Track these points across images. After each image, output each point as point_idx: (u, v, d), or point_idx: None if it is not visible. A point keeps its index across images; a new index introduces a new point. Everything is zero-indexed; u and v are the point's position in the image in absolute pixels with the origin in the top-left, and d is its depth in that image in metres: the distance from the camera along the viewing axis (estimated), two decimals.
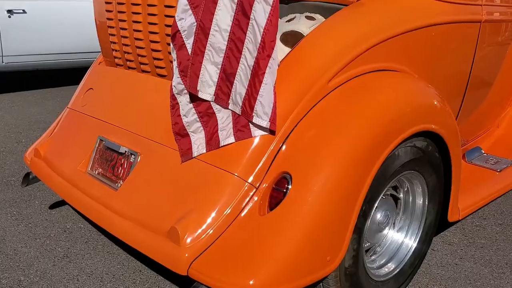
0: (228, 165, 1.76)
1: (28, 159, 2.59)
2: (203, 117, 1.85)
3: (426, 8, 2.16)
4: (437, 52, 2.24)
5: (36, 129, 4.45)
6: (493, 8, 2.50)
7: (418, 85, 2.09)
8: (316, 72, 1.84)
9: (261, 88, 1.71)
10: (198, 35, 1.79)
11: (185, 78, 1.82)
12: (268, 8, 1.65)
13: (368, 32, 1.96)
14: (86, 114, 2.41)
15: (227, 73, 1.78)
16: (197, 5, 1.76)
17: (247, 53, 1.73)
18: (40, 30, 5.58)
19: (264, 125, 1.72)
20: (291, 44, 2.05)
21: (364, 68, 1.91)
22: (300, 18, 2.17)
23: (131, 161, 2.06)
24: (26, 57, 5.60)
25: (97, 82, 2.54)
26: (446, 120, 2.09)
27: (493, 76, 2.81)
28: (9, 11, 5.38)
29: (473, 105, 2.73)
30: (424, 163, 2.03)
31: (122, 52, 2.35)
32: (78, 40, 5.78)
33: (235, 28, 1.74)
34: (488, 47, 2.59)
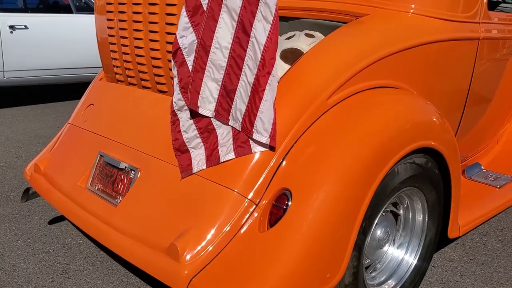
0: (228, 181, 1.76)
1: (28, 174, 2.59)
2: (203, 133, 1.86)
3: (425, 26, 2.19)
4: (435, 69, 2.26)
5: (36, 144, 4.45)
6: (490, 25, 2.52)
7: (417, 102, 2.10)
8: (316, 89, 1.85)
9: (261, 105, 1.72)
10: (198, 52, 1.80)
11: (185, 95, 1.83)
12: (268, 26, 1.67)
13: (367, 50, 1.98)
14: (87, 130, 2.42)
15: (228, 89, 1.80)
16: (198, 23, 1.78)
17: (247, 70, 1.74)
18: (41, 45, 5.63)
19: (264, 141, 1.73)
20: (291, 61, 2.07)
21: (363, 85, 1.93)
22: (300, 36, 2.19)
23: (131, 177, 2.06)
24: (27, 72, 5.64)
25: (98, 98, 2.56)
26: (445, 136, 2.09)
27: (491, 92, 2.82)
28: (11, 27, 5.43)
29: (472, 121, 2.74)
30: (423, 180, 2.04)
31: (123, 68, 2.37)
32: (79, 55, 5.82)
33: (236, 45, 1.76)
34: (486, 64, 2.61)
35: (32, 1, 7.59)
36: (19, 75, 5.61)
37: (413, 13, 2.20)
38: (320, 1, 2.46)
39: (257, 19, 1.69)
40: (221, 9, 1.75)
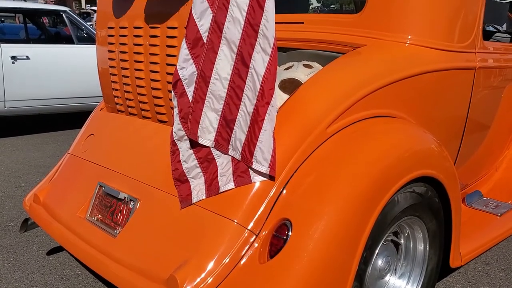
0: (227, 211, 1.76)
1: (27, 204, 2.58)
2: (203, 163, 1.86)
3: (421, 56, 2.22)
4: (433, 98, 2.28)
5: (36, 173, 4.45)
6: (486, 55, 2.56)
7: (415, 130, 2.11)
8: (315, 118, 1.86)
9: (261, 134, 1.73)
10: (198, 83, 1.82)
11: (185, 125, 1.85)
12: (267, 58, 1.70)
13: (365, 79, 2.00)
14: (87, 160, 2.42)
15: (227, 119, 1.81)
16: (198, 55, 1.81)
17: (247, 100, 1.76)
18: (42, 75, 5.68)
19: (264, 171, 1.73)
20: (290, 91, 2.09)
21: (362, 114, 1.94)
22: (298, 66, 2.22)
23: (130, 207, 2.05)
24: (28, 102, 5.68)
25: (98, 128, 2.57)
26: (444, 164, 2.10)
27: (489, 120, 2.84)
28: (13, 57, 5.50)
29: (471, 149, 2.75)
30: (424, 209, 2.03)
31: (123, 99, 2.39)
32: (80, 85, 5.88)
33: (235, 76, 1.78)
34: (483, 92, 2.64)
35: (34, 32, 7.72)
36: (20, 105, 5.65)
37: (409, 44, 2.23)
38: (317, 32, 2.50)
39: (256, 51, 1.72)
40: (221, 41, 1.78)
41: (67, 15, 6.33)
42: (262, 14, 1.69)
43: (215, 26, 1.78)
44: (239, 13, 1.73)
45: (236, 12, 1.73)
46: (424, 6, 2.27)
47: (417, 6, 2.27)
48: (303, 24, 2.65)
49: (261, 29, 1.70)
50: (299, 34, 2.57)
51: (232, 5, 1.74)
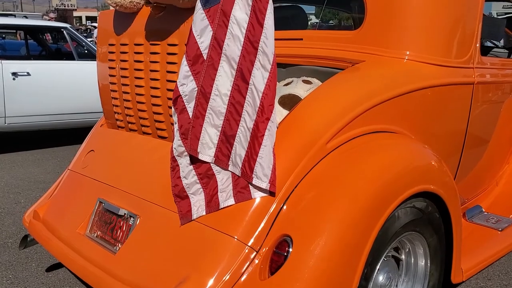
0: (227, 227, 1.75)
1: (26, 221, 2.57)
2: (203, 179, 1.86)
3: (420, 72, 2.24)
4: (432, 113, 2.29)
5: (36, 189, 4.44)
6: (484, 70, 2.57)
7: (415, 146, 2.12)
8: (314, 133, 1.87)
9: (261, 150, 1.73)
10: (199, 99, 1.83)
11: (185, 141, 1.85)
12: (266, 74, 1.71)
13: (364, 95, 2.01)
14: (87, 176, 2.42)
15: (227, 135, 1.82)
16: (198, 72, 1.82)
17: (247, 116, 1.77)
18: (43, 91, 5.70)
19: (264, 186, 1.73)
20: (289, 107, 2.10)
21: (361, 130, 1.95)
22: (298, 82, 2.23)
23: (130, 224, 2.05)
24: (28, 118, 5.70)
25: (98, 144, 2.58)
26: (444, 179, 2.10)
27: (489, 134, 2.85)
28: (13, 74, 5.52)
29: (471, 164, 2.75)
30: (424, 224, 2.03)
31: (124, 115, 2.40)
32: (80, 101, 5.89)
33: (235, 92, 1.79)
34: (482, 107, 2.65)
35: (35, 49, 7.77)
36: (21, 120, 5.66)
37: (408, 60, 2.25)
38: (316, 48, 2.52)
39: (255, 67, 1.74)
40: (221, 58, 1.80)
41: (68, 32, 6.38)
42: (261, 32, 1.71)
43: (215, 43, 1.80)
44: (238, 30, 1.75)
45: (236, 29, 1.75)
46: (422, 22, 2.29)
47: (415, 22, 2.29)
48: (302, 40, 2.67)
49: (261, 46, 1.72)
50: (298, 50, 2.59)
51: (232, 23, 1.76)
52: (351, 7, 3.18)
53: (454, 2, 2.40)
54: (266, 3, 1.69)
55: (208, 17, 1.79)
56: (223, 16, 1.77)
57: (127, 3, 2.18)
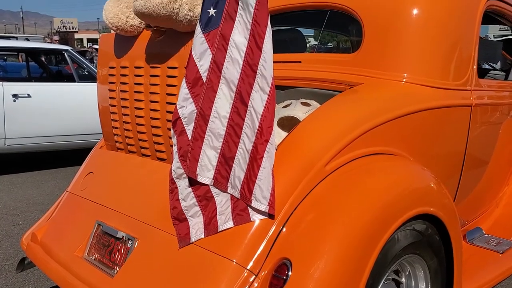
0: (226, 251, 1.74)
1: (24, 243, 2.55)
2: (201, 201, 1.86)
3: (418, 94, 2.25)
4: (430, 135, 2.30)
5: (34, 211, 4.43)
6: (482, 92, 2.59)
7: (414, 168, 2.12)
8: (313, 155, 1.87)
9: (260, 172, 1.73)
10: (198, 122, 1.84)
11: (184, 163, 1.85)
12: (265, 96, 1.73)
13: (363, 117, 2.02)
14: (85, 198, 2.42)
15: (226, 157, 1.82)
16: (197, 94, 1.83)
17: (246, 138, 1.77)
18: (43, 113, 5.74)
19: (263, 209, 1.72)
20: (288, 129, 2.11)
21: (360, 152, 1.95)
22: (296, 104, 2.25)
23: (128, 247, 2.03)
24: (28, 139, 5.72)
25: (97, 166, 2.58)
26: (443, 201, 2.09)
27: (488, 156, 2.85)
28: (14, 95, 5.56)
29: (470, 185, 2.75)
30: (424, 246, 2.01)
31: (123, 136, 2.40)
32: (80, 122, 5.92)
33: (234, 114, 1.80)
34: (481, 129, 2.66)
35: (36, 71, 7.83)
36: (20, 142, 5.68)
37: (406, 82, 2.26)
38: (315, 71, 2.54)
39: (254, 90, 1.75)
40: (220, 81, 1.81)
41: (69, 54, 6.44)
42: (260, 55, 1.73)
43: (214, 66, 1.81)
44: (238, 54, 1.76)
45: (235, 53, 1.77)
46: (419, 45, 2.32)
47: (412, 45, 2.32)
48: (301, 63, 2.70)
49: (259, 69, 1.74)
50: (297, 72, 2.62)
51: (231, 46, 1.78)
52: (349, 30, 3.22)
53: (451, 25, 2.43)
54: (265, 28, 1.71)
55: (207, 41, 1.82)
56: (222, 40, 1.80)
57: (127, 27, 2.21)
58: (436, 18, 2.37)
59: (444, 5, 2.41)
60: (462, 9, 2.50)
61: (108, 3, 2.22)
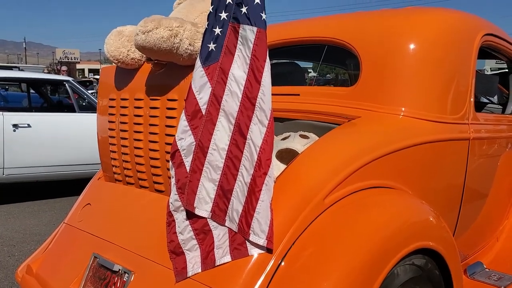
0: (224, 285, 1.71)
1: (19, 276, 2.52)
2: (199, 234, 1.84)
3: (416, 128, 2.26)
4: (429, 169, 2.30)
5: (31, 241, 4.38)
6: (479, 126, 2.61)
7: (412, 201, 2.11)
8: (312, 188, 1.87)
9: (258, 205, 1.73)
10: (196, 154, 1.85)
11: (182, 195, 1.85)
12: (263, 129, 1.74)
13: (361, 150, 2.03)
14: (82, 230, 2.40)
15: (224, 190, 1.81)
16: (196, 126, 1.84)
17: (244, 171, 1.77)
18: (43, 143, 5.75)
19: (261, 243, 1.71)
20: (287, 161, 2.11)
21: (359, 185, 1.95)
22: (295, 137, 2.26)
23: (125, 280, 2.00)
24: (27, 169, 5.71)
25: (95, 197, 2.57)
26: (443, 235, 2.08)
27: (487, 189, 2.85)
28: (14, 125, 5.58)
29: (470, 219, 2.73)
30: (424, 281, 1.99)
31: (121, 168, 2.40)
32: (79, 152, 5.93)
33: (233, 147, 1.81)
34: (479, 162, 2.67)
35: (36, 101, 7.89)
36: (19, 172, 5.67)
37: (403, 116, 2.28)
38: (313, 103, 2.56)
39: (253, 122, 1.76)
40: (219, 113, 1.83)
41: (70, 85, 6.50)
42: (259, 89, 1.75)
43: (213, 99, 1.83)
44: (237, 87, 1.79)
45: (234, 86, 1.79)
46: (416, 79, 2.35)
47: (409, 79, 2.35)
48: (299, 96, 2.72)
49: (258, 102, 1.75)
50: (296, 105, 2.64)
51: (230, 80, 1.81)
52: (347, 64, 3.26)
53: (447, 60, 2.47)
54: (264, 62, 1.74)
55: (207, 75, 1.84)
56: (221, 74, 1.82)
57: (128, 60, 2.24)
58: (433, 53, 2.41)
59: (440, 40, 2.45)
60: (458, 44, 2.54)
61: (109, 37, 2.26)
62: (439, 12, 2.62)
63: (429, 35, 2.43)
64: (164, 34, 1.91)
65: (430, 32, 2.45)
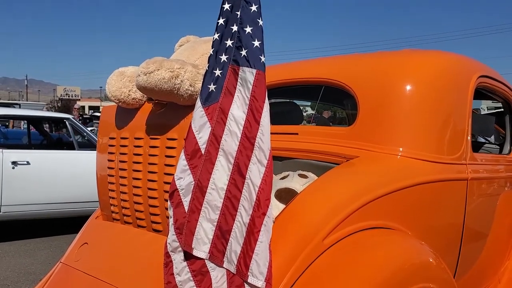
0: None
1: None
2: (197, 276, 1.82)
3: (414, 168, 2.27)
4: (427, 209, 2.30)
5: (25, 281, 4.30)
6: (477, 166, 2.62)
7: (412, 242, 2.10)
8: (311, 229, 1.86)
9: (257, 247, 1.71)
10: (195, 193, 1.85)
11: (180, 236, 1.83)
12: (262, 169, 1.74)
13: (359, 191, 2.03)
14: (79, 270, 2.36)
15: (223, 230, 1.80)
16: (195, 166, 1.85)
17: (243, 211, 1.77)
18: (42, 180, 5.73)
19: (260, 285, 1.68)
20: (286, 201, 2.11)
21: (358, 226, 1.94)
22: (294, 176, 2.26)
23: None
24: (25, 207, 5.67)
25: (92, 236, 2.54)
26: (443, 277, 2.06)
27: (487, 229, 2.83)
28: (13, 163, 5.58)
29: (471, 260, 2.70)
30: None
31: (119, 207, 2.40)
32: (78, 190, 5.90)
33: (231, 186, 1.81)
34: (478, 201, 2.66)
35: (36, 138, 7.92)
36: (17, 209, 5.63)
37: (401, 156, 2.29)
38: (311, 142, 2.58)
39: (252, 162, 1.77)
40: (218, 153, 1.84)
41: (70, 123, 6.54)
42: (258, 129, 1.77)
43: (213, 139, 1.85)
44: (236, 127, 1.80)
45: (233, 126, 1.81)
46: (413, 120, 2.38)
47: (406, 120, 2.37)
48: (298, 135, 2.75)
49: (257, 141, 1.77)
50: (294, 144, 2.65)
51: (229, 120, 1.83)
52: (344, 104, 3.31)
53: (444, 101, 2.50)
54: (263, 103, 1.76)
55: (207, 115, 1.86)
56: (221, 114, 1.84)
57: (130, 100, 2.27)
58: (429, 95, 2.44)
59: (437, 82, 2.50)
60: (454, 86, 2.58)
61: (111, 77, 2.30)
62: (435, 55, 2.67)
63: (425, 77, 2.48)
64: (166, 75, 1.95)
65: (426, 74, 2.49)
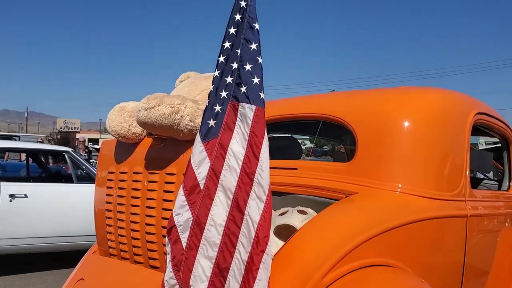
0: None
1: None
2: None
3: (413, 205, 2.26)
4: (427, 246, 2.28)
5: None
6: (477, 203, 2.61)
7: (412, 280, 2.07)
8: (311, 267, 1.84)
9: (255, 285, 1.69)
10: (193, 230, 1.83)
11: (178, 273, 1.81)
12: (261, 205, 1.74)
13: (359, 228, 2.01)
14: None
15: (221, 267, 1.78)
16: (194, 201, 1.84)
17: (241, 248, 1.75)
18: (39, 213, 5.67)
19: None
20: (285, 238, 2.09)
21: (357, 263, 1.92)
22: (293, 212, 2.25)
23: None
24: (21, 240, 5.59)
25: (89, 272, 2.51)
26: None
27: (488, 266, 2.80)
28: (11, 195, 5.54)
29: None
30: None
31: (117, 242, 2.37)
32: (76, 223, 5.83)
33: (230, 223, 1.79)
34: (478, 238, 2.64)
35: (35, 170, 7.90)
36: (13, 243, 5.55)
37: (400, 192, 2.28)
38: (311, 178, 2.58)
39: (251, 198, 1.76)
40: (217, 188, 1.84)
41: (69, 155, 6.54)
42: (257, 164, 1.77)
43: (212, 174, 1.84)
44: (235, 162, 1.81)
45: (232, 161, 1.81)
46: (412, 157, 2.38)
47: (405, 156, 2.38)
48: (297, 170, 2.74)
49: (256, 177, 1.77)
50: (293, 179, 2.65)
51: (229, 155, 1.83)
52: (343, 139, 3.32)
53: (442, 138, 2.51)
54: (262, 138, 1.77)
55: (206, 150, 1.87)
56: (220, 149, 1.85)
57: (130, 134, 2.29)
58: (427, 132, 2.45)
59: (434, 119, 2.51)
60: (451, 123, 2.59)
61: (112, 112, 2.32)
62: (433, 92, 2.70)
63: (423, 114, 2.49)
64: (166, 111, 1.96)
65: (424, 111, 2.51)
